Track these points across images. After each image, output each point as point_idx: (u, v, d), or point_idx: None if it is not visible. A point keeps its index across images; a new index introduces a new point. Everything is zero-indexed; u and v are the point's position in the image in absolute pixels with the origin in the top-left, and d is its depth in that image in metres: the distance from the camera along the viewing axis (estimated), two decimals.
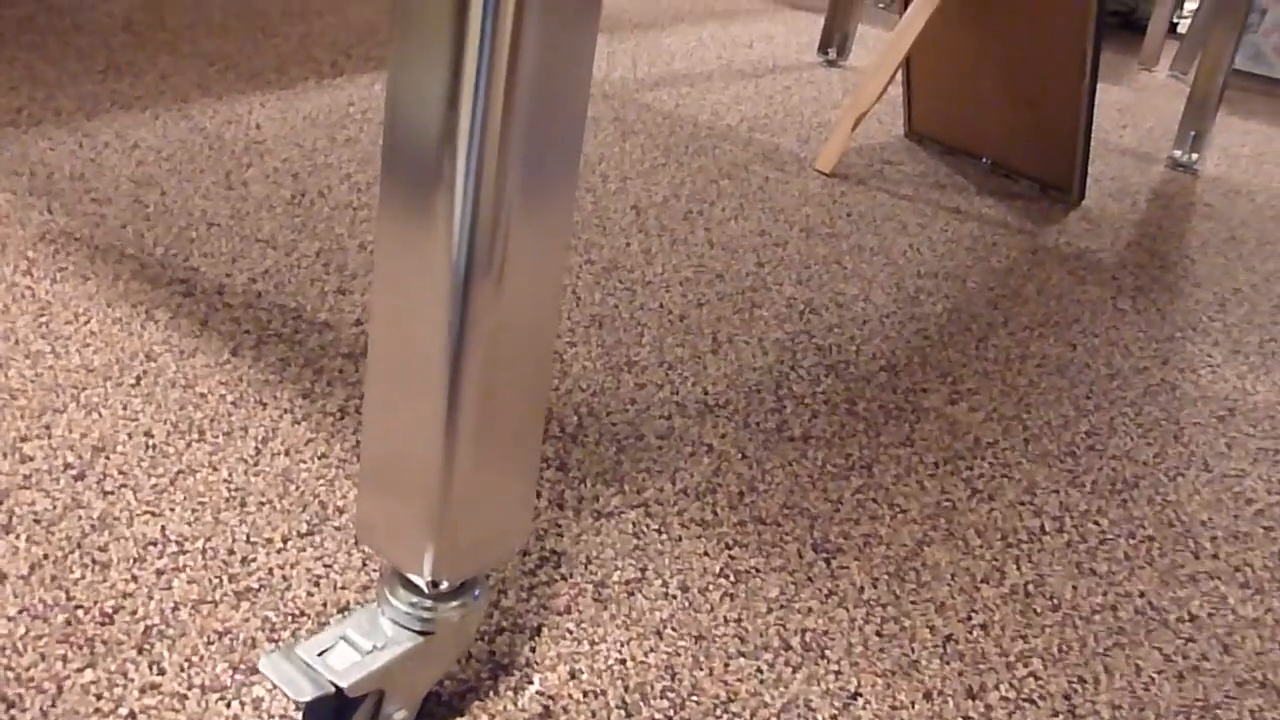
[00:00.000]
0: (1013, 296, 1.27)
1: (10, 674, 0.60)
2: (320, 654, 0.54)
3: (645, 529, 0.78)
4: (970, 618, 0.75)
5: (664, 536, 0.78)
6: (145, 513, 0.73)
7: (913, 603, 0.75)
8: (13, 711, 0.58)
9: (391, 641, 0.55)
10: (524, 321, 0.52)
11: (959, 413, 1.00)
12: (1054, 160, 1.63)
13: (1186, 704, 0.70)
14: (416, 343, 0.51)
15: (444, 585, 0.56)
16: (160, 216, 1.15)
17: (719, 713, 0.64)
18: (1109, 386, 1.09)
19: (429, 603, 0.56)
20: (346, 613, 0.67)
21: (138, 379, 0.87)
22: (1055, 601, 0.77)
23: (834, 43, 2.18)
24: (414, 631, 0.56)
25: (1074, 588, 0.79)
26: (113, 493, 0.74)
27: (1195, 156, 1.85)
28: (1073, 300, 1.29)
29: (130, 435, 0.80)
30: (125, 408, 0.83)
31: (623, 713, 0.63)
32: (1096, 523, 0.87)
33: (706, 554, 0.77)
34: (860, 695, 0.67)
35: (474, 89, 0.46)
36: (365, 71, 1.75)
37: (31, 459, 0.76)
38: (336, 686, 0.52)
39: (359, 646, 0.55)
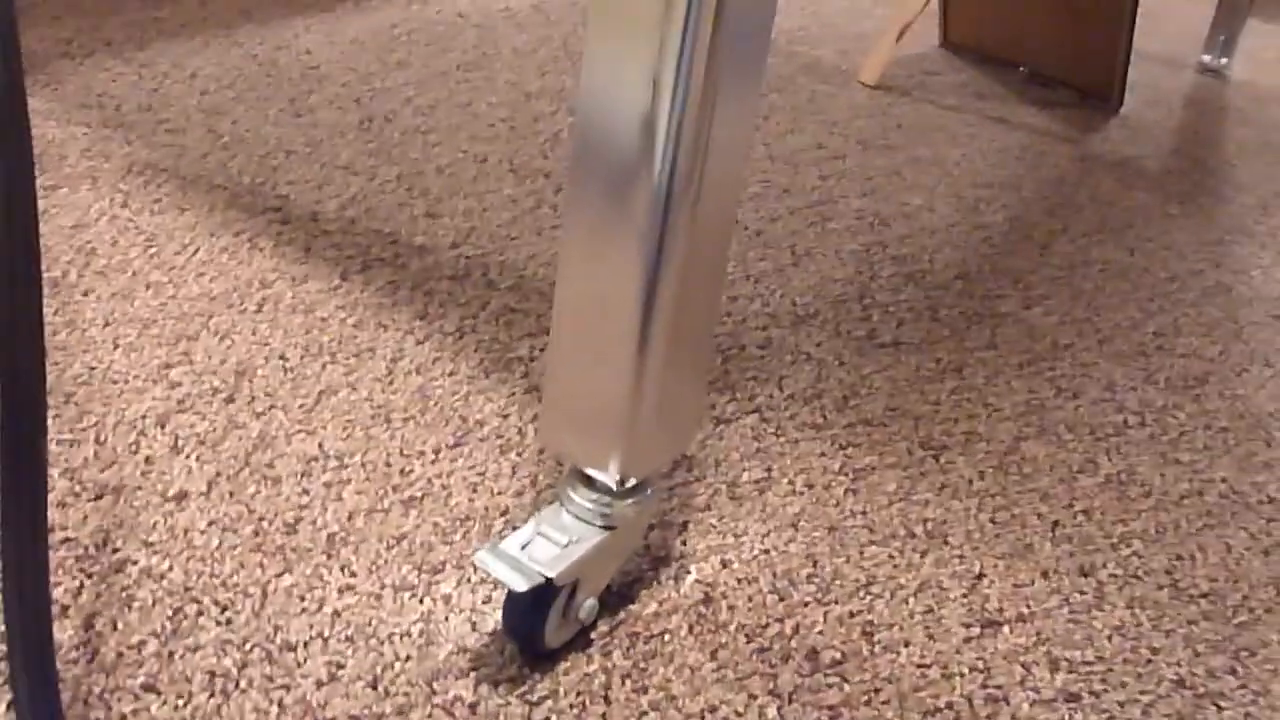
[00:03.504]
0: (1067, 204, 1.31)
1: (216, 580, 0.64)
2: (522, 548, 0.59)
3: (763, 432, 0.83)
4: (1072, 505, 0.80)
5: (782, 439, 0.83)
6: (299, 431, 0.77)
7: (1019, 492, 0.81)
8: (228, 614, 0.62)
9: (581, 536, 0.60)
10: (711, 239, 0.56)
11: (1034, 317, 1.05)
12: (1093, 68, 1.64)
13: (1275, 576, 0.76)
14: (612, 266, 0.54)
15: (628, 483, 0.60)
16: (238, 145, 1.16)
17: (862, 594, 0.69)
18: (1169, 289, 1.14)
19: (609, 499, 0.61)
20: (508, 516, 0.72)
21: (259, 305, 0.90)
22: (1147, 488, 0.83)
23: None
24: (599, 527, 0.61)
25: (1162, 475, 0.85)
26: (264, 413, 0.78)
27: (1225, 61, 1.87)
28: (1124, 207, 1.32)
29: (266, 359, 0.84)
30: (254, 333, 0.87)
31: (776, 596, 0.68)
32: (1174, 416, 0.93)
33: (824, 454, 0.82)
34: (984, 576, 0.72)
35: (681, 32, 0.48)
36: None
37: (180, 384, 0.80)
38: (547, 577, 0.57)
39: (555, 540, 0.59)
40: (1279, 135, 1.65)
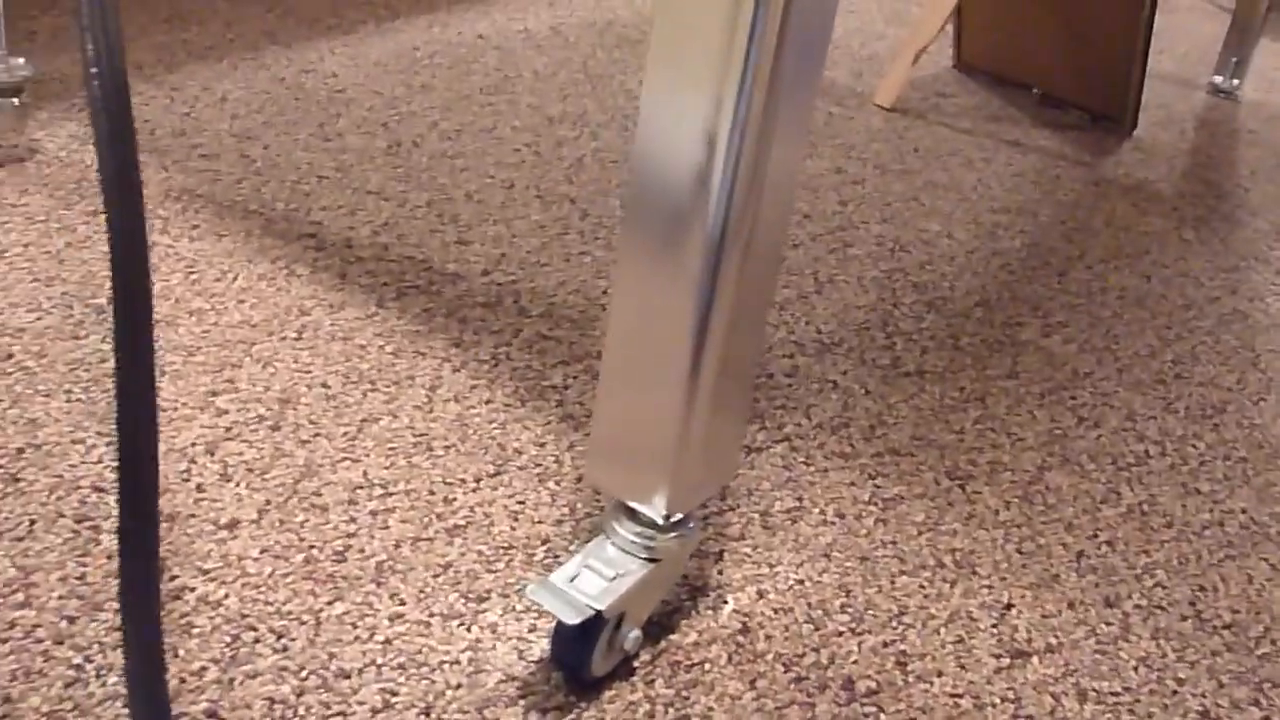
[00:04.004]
0: (1083, 230, 1.33)
1: (270, 608, 0.66)
2: (571, 580, 0.61)
3: (793, 462, 0.85)
4: (1096, 535, 0.82)
5: (811, 468, 0.85)
6: (344, 459, 0.79)
7: (1044, 523, 0.83)
8: (283, 641, 0.64)
9: (627, 569, 0.62)
10: (760, 279, 0.58)
11: (1054, 345, 1.07)
12: (1106, 90, 1.66)
13: None
14: (664, 308, 0.56)
15: (673, 518, 0.62)
16: (270, 171, 1.19)
17: (894, 624, 0.71)
18: (1186, 316, 1.16)
19: (653, 533, 0.63)
20: (549, 544, 0.74)
21: (299, 333, 0.92)
22: (1169, 519, 0.85)
23: None
24: (643, 559, 0.63)
25: (1183, 506, 0.87)
26: (309, 441, 0.80)
27: (1237, 83, 1.89)
28: (1140, 232, 1.34)
29: (309, 387, 0.86)
30: (296, 361, 0.89)
31: (811, 626, 0.70)
32: (1194, 446, 0.94)
33: (853, 484, 0.84)
34: (1013, 606, 0.74)
35: (739, 83, 0.51)
36: (420, 14, 1.76)
37: (227, 412, 0.82)
38: (595, 609, 0.59)
39: (602, 574, 0.61)
40: None
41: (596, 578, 0.61)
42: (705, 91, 0.51)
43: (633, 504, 0.62)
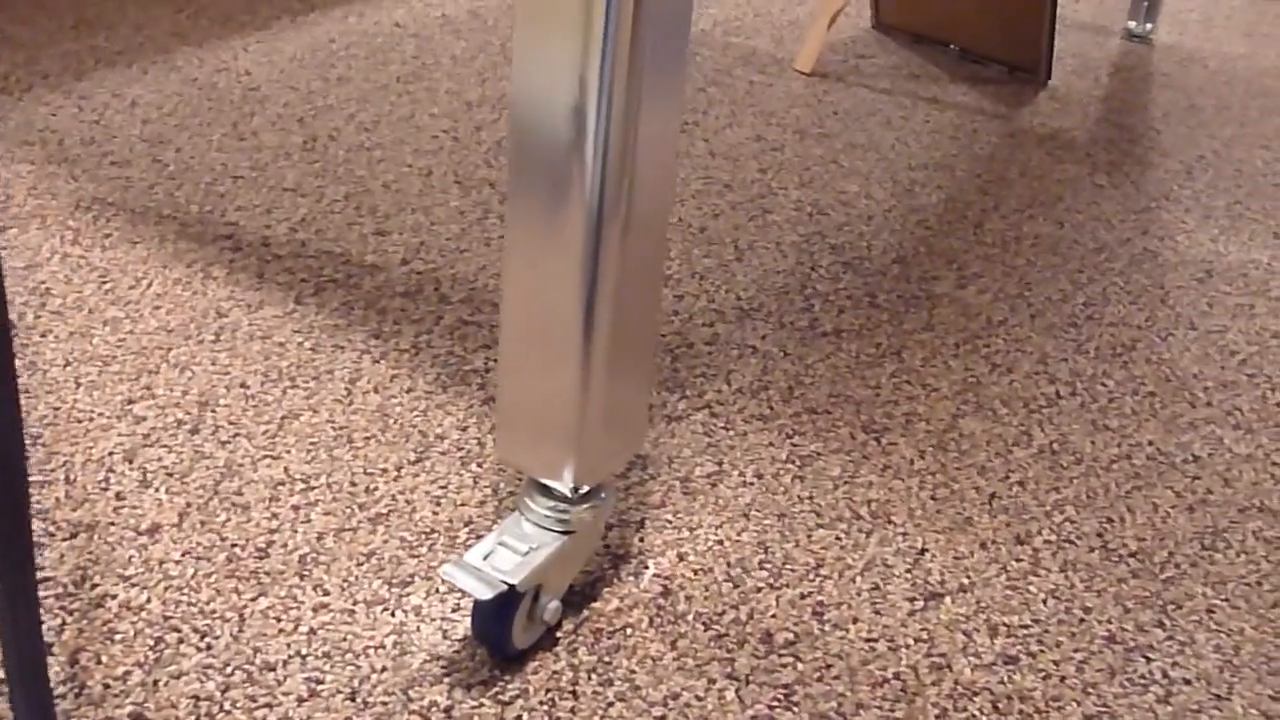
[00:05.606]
0: (999, 181, 1.35)
1: (194, 609, 0.67)
2: (485, 558, 0.62)
3: (714, 427, 0.87)
4: (1008, 477, 0.85)
5: (731, 432, 0.86)
6: (265, 457, 0.79)
7: (957, 469, 0.85)
8: (207, 640, 0.65)
9: (541, 543, 0.63)
10: (643, 250, 0.59)
11: (969, 296, 1.09)
12: (1020, 43, 1.69)
13: (1199, 531, 0.81)
14: (552, 285, 0.57)
15: (582, 490, 0.63)
16: (184, 174, 1.18)
17: (812, 576, 0.73)
18: (1098, 259, 1.19)
19: (566, 506, 0.64)
20: (472, 526, 0.75)
21: (217, 335, 0.92)
22: (1078, 456, 0.88)
23: None
24: (557, 532, 0.64)
25: (1092, 442, 0.90)
26: (229, 442, 0.80)
27: (1150, 27, 1.92)
28: (1054, 180, 1.37)
29: (228, 388, 0.86)
30: (214, 363, 0.89)
31: (730, 584, 0.72)
32: (1103, 384, 0.97)
33: (771, 444, 0.85)
34: (927, 550, 0.77)
35: (601, 50, 0.51)
36: (335, 5, 1.74)
37: (144, 419, 0.82)
38: (509, 584, 0.60)
39: (516, 549, 0.63)
40: (1203, 98, 1.71)
41: (510, 553, 0.62)
42: (570, 61, 0.52)
43: (543, 479, 0.63)
